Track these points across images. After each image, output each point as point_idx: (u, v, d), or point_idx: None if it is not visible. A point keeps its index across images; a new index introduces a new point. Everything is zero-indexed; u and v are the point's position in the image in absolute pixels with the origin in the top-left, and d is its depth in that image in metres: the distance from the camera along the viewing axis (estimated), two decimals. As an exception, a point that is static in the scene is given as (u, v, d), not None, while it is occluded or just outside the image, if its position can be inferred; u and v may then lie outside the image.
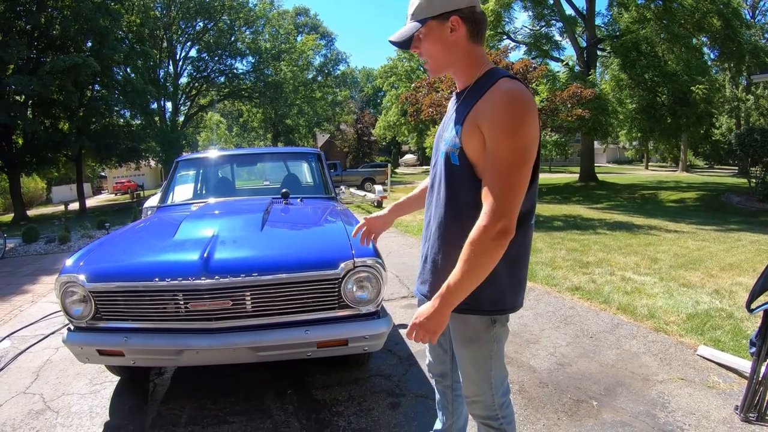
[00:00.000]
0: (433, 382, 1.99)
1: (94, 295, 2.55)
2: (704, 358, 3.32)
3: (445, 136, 1.54)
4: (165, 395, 3.14)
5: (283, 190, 4.15)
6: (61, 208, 24.85)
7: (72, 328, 2.66)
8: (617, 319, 4.21)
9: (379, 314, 2.66)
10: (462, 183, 1.49)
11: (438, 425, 2.03)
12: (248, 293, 2.48)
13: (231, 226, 3.04)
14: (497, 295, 1.53)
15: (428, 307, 1.44)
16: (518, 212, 1.39)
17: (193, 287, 2.44)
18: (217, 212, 3.60)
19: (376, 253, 2.63)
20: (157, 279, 2.46)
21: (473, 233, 1.37)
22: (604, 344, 3.66)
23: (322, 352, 2.59)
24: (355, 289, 2.57)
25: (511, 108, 1.36)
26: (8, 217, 21.10)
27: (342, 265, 2.52)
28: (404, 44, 1.52)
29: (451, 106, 1.62)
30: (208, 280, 2.42)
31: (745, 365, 2.99)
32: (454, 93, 1.66)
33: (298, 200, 4.16)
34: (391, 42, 1.54)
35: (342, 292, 2.54)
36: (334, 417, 2.73)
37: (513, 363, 3.32)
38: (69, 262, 2.70)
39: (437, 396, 1.98)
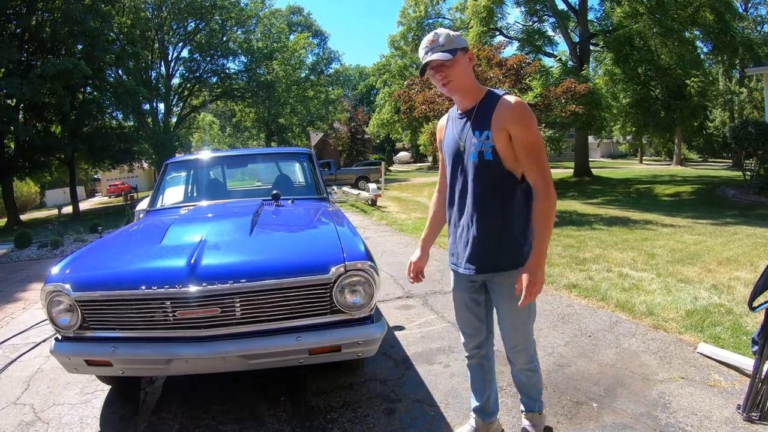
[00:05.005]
0: (466, 362, 2.36)
1: (81, 304, 2.48)
2: (704, 355, 3.27)
3: (473, 141, 2.00)
4: (156, 404, 3.08)
5: (274, 192, 4.07)
6: (55, 211, 24.66)
7: (59, 338, 2.59)
8: (615, 316, 4.16)
9: (373, 319, 2.60)
10: (496, 173, 2.00)
11: (475, 402, 2.36)
12: (237, 300, 2.42)
13: (219, 230, 2.98)
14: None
15: (531, 266, 1.92)
16: None
17: (181, 295, 2.37)
18: (205, 216, 3.54)
19: (368, 256, 2.57)
20: (143, 287, 2.40)
21: (541, 203, 1.94)
22: (602, 343, 3.61)
23: (314, 359, 2.53)
24: (347, 293, 2.51)
25: (527, 111, 1.95)
26: (1, 222, 20.91)
27: (333, 269, 2.46)
28: (423, 70, 2.05)
29: (459, 123, 2.11)
30: (196, 288, 2.36)
31: (746, 362, 2.95)
32: (453, 112, 2.17)
33: (289, 202, 4.09)
34: (427, 62, 1.98)
35: (334, 296, 2.48)
36: (328, 424, 2.67)
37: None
38: (55, 270, 2.64)
39: (471, 374, 2.36)
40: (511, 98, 1.96)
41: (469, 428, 2.41)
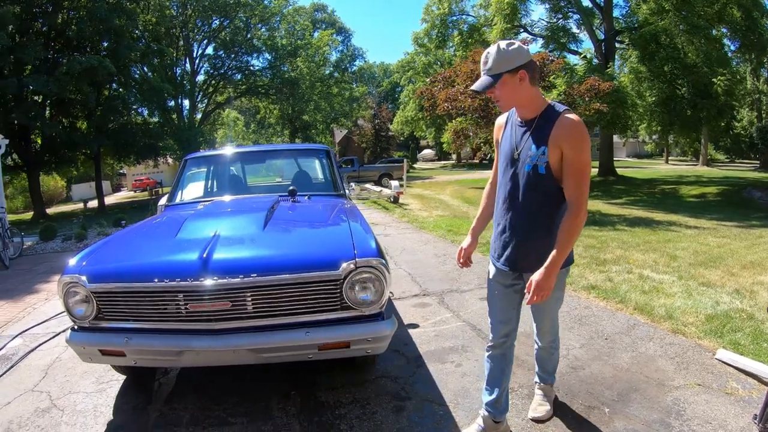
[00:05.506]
0: (488, 354, 2.43)
1: (96, 295, 2.53)
2: (723, 362, 3.18)
3: (529, 153, 2.10)
4: (169, 395, 3.13)
5: (290, 188, 4.09)
6: (81, 205, 25.23)
7: (75, 327, 2.65)
8: (634, 319, 4.08)
9: (383, 315, 2.59)
10: (547, 186, 2.11)
11: (488, 397, 2.40)
12: (248, 294, 2.44)
13: (233, 225, 3.00)
14: (571, 253, 2.21)
15: (542, 275, 2.03)
16: None
17: (192, 288, 2.40)
18: (221, 211, 3.56)
19: (380, 253, 2.57)
20: (156, 280, 2.43)
21: (571, 219, 2.03)
22: (619, 346, 3.54)
23: (323, 355, 2.54)
24: (357, 289, 2.50)
25: (583, 133, 2.04)
26: (28, 215, 21.44)
27: (343, 265, 2.45)
28: (481, 92, 2.11)
29: (519, 130, 2.19)
30: (207, 281, 2.38)
31: (766, 370, 2.87)
32: (513, 116, 2.25)
33: (306, 198, 4.10)
34: (472, 90, 2.16)
35: (344, 293, 2.48)
36: (336, 420, 2.68)
37: (524, 365, 3.23)
38: (72, 261, 2.69)
39: (490, 366, 2.41)
40: (571, 118, 2.04)
41: (477, 428, 2.42)
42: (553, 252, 2.03)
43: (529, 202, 2.16)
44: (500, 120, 2.38)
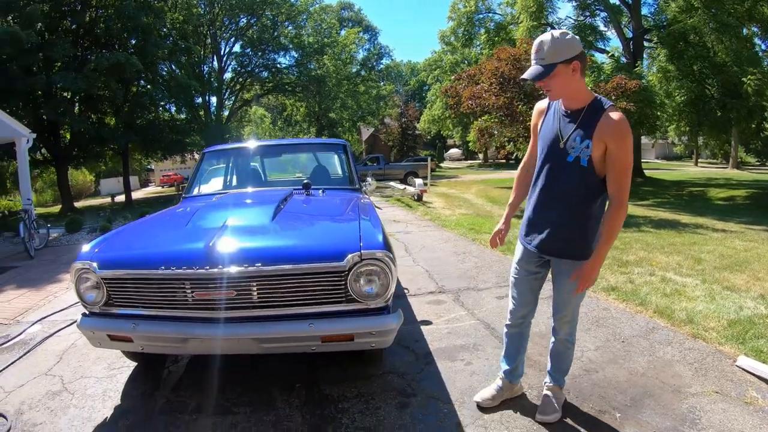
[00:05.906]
0: (506, 331, 2.65)
1: (106, 281, 2.57)
2: (743, 369, 3.05)
3: (573, 145, 2.17)
4: (177, 382, 3.17)
5: (305, 181, 4.09)
6: (109, 200, 25.78)
7: (87, 313, 2.69)
8: (653, 322, 3.95)
9: (389, 309, 2.56)
10: (589, 178, 2.17)
11: (505, 366, 2.69)
12: (253, 284, 2.43)
13: (242, 216, 3.01)
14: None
15: (590, 266, 2.22)
16: None
17: (198, 276, 2.41)
18: (233, 202, 3.59)
19: (386, 246, 2.53)
20: (163, 267, 2.44)
21: (613, 212, 2.15)
22: (635, 350, 3.43)
23: (326, 347, 2.51)
24: (362, 282, 2.47)
25: (627, 129, 2.09)
26: (57, 208, 21.96)
27: (348, 257, 2.42)
28: (532, 81, 2.15)
29: (563, 119, 2.23)
30: (212, 270, 2.39)
31: (790, 378, 2.75)
32: (556, 105, 2.29)
33: (320, 192, 4.09)
34: (522, 79, 2.28)
35: (348, 285, 2.45)
36: (338, 414, 2.66)
37: (536, 366, 3.16)
38: (85, 248, 2.74)
39: (507, 341, 2.67)
40: (616, 115, 2.09)
41: (496, 386, 2.70)
42: (599, 245, 2.20)
43: (569, 193, 2.23)
44: (541, 105, 2.41)
